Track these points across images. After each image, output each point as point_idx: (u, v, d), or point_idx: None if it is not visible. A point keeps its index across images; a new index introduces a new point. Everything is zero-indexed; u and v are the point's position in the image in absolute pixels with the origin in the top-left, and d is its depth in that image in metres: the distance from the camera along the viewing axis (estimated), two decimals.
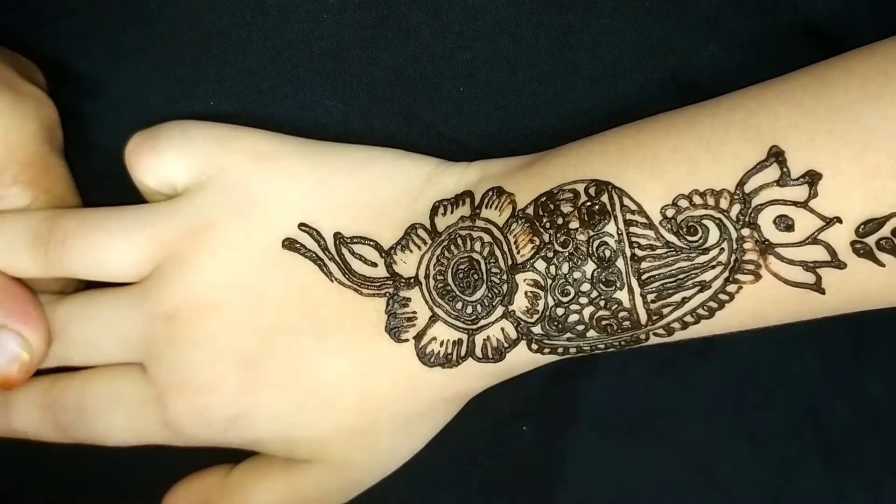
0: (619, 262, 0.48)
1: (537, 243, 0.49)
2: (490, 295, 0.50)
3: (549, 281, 0.49)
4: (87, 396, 0.55)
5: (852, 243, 0.45)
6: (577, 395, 0.56)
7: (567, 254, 0.49)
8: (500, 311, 0.50)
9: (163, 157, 0.53)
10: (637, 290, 0.48)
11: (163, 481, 0.56)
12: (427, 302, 0.51)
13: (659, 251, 0.48)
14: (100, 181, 0.58)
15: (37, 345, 0.53)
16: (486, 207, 0.51)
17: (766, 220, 0.46)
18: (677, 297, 0.48)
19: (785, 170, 0.46)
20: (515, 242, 0.50)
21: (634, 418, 0.56)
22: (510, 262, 0.50)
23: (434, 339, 0.51)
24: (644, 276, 0.48)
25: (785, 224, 0.46)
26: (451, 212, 0.52)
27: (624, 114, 0.52)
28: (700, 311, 0.48)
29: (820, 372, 0.56)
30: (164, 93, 0.55)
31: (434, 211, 0.52)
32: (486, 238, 0.50)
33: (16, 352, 0.53)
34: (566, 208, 0.49)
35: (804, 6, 0.52)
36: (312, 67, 0.54)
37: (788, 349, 0.56)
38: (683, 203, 0.47)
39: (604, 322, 0.49)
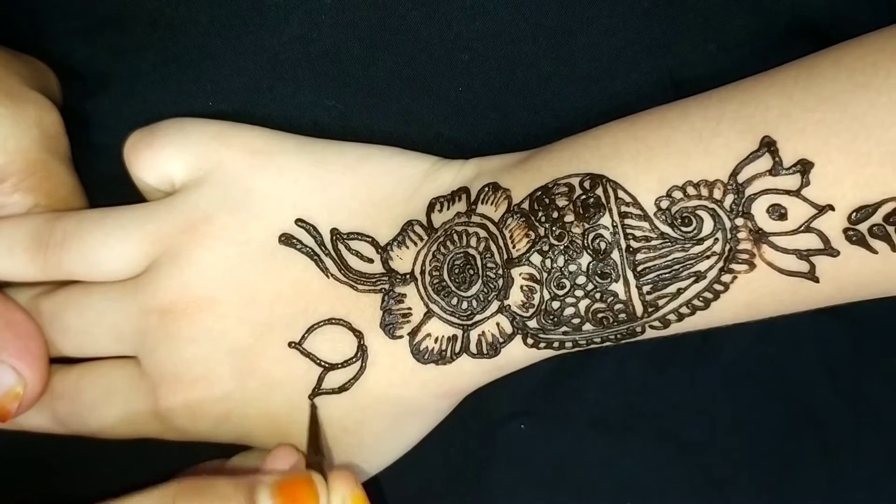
0: (615, 254, 0.48)
1: (532, 237, 0.49)
2: (485, 290, 0.50)
3: (545, 274, 0.49)
4: (83, 387, 0.55)
5: (845, 231, 0.45)
6: (576, 393, 0.56)
7: (562, 247, 0.49)
8: (495, 305, 0.50)
9: (160, 154, 0.53)
10: (632, 281, 0.48)
11: (157, 477, 0.55)
12: (422, 298, 0.51)
13: (654, 242, 0.48)
14: (100, 180, 0.58)
15: (32, 380, 0.53)
16: (482, 203, 0.51)
17: (759, 209, 0.47)
18: (672, 289, 0.48)
19: (777, 159, 0.46)
20: (511, 237, 0.50)
21: (633, 417, 0.56)
22: (506, 257, 0.50)
23: (428, 335, 0.51)
24: (639, 268, 0.48)
25: (778, 213, 0.46)
26: (448, 208, 0.52)
27: (622, 113, 0.52)
28: (695, 301, 0.48)
29: (819, 371, 0.56)
30: (164, 92, 0.56)
31: (430, 207, 0.52)
32: (482, 233, 0.50)
33: (10, 385, 0.53)
34: (561, 202, 0.49)
35: (802, 6, 0.53)
36: (311, 68, 0.54)
37: (787, 348, 0.56)
38: (677, 194, 0.47)
39: (600, 315, 0.49)
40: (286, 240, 0.52)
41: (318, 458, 0.50)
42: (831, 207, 0.45)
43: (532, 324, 0.50)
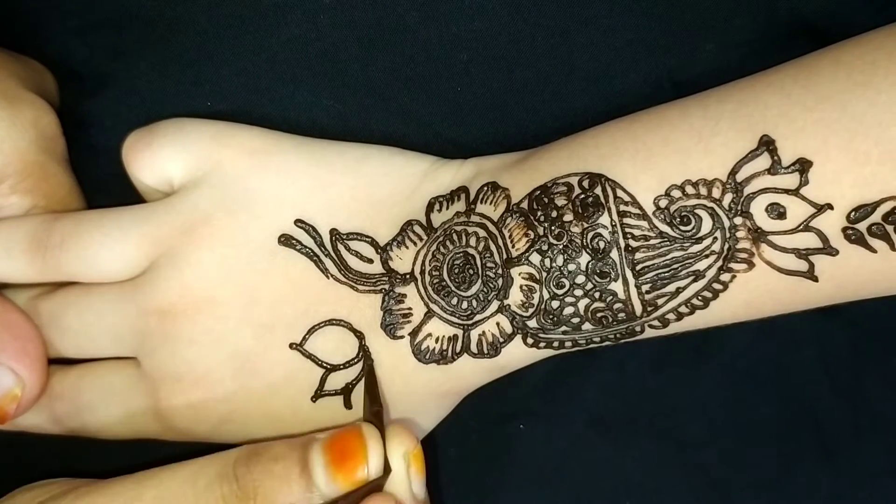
0: (614, 254, 0.48)
1: (532, 237, 0.49)
2: (485, 290, 0.50)
3: (544, 274, 0.49)
4: (83, 388, 0.55)
5: (844, 230, 0.45)
6: (575, 393, 0.56)
7: (561, 246, 0.49)
8: (495, 305, 0.50)
9: (159, 154, 0.53)
10: (631, 280, 0.48)
11: None
12: (423, 298, 0.51)
13: (653, 241, 0.48)
14: (99, 181, 0.58)
15: (30, 382, 0.53)
16: (481, 203, 0.51)
17: (758, 208, 0.47)
18: (671, 288, 0.48)
19: (776, 158, 0.46)
20: (510, 236, 0.50)
21: (632, 417, 0.56)
22: (505, 257, 0.50)
23: (429, 335, 0.51)
24: (638, 267, 0.48)
25: (777, 212, 0.46)
26: (447, 208, 0.52)
27: (621, 113, 0.52)
28: (694, 301, 0.48)
29: (819, 371, 0.56)
30: (162, 93, 0.56)
31: (430, 207, 0.52)
32: (482, 233, 0.50)
33: (9, 387, 0.53)
34: (560, 201, 0.49)
35: (801, 6, 0.53)
36: (310, 68, 0.54)
37: (787, 348, 0.56)
38: (676, 193, 0.47)
39: (599, 314, 0.49)
40: (286, 240, 0.52)
41: (375, 408, 0.49)
42: (830, 206, 0.45)
43: (532, 323, 0.50)
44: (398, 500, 0.47)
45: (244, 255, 0.52)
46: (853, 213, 0.45)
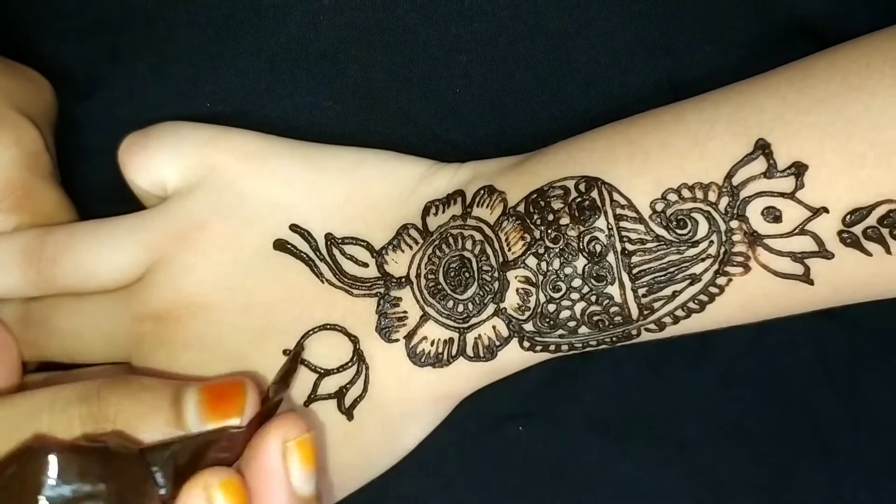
0: (610, 257, 0.48)
1: (528, 240, 0.49)
2: (481, 293, 0.50)
3: (541, 277, 0.49)
4: None
5: (839, 233, 0.45)
6: (574, 395, 0.56)
7: (558, 250, 0.49)
8: (491, 308, 0.50)
9: (154, 158, 0.53)
10: (628, 284, 0.48)
11: None
12: (418, 301, 0.51)
13: (649, 245, 0.48)
14: (95, 183, 0.58)
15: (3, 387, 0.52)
16: (478, 206, 0.51)
17: (754, 211, 0.46)
18: (668, 291, 0.48)
19: (771, 162, 0.46)
20: (506, 240, 0.50)
21: (631, 419, 0.56)
22: (501, 260, 0.50)
23: (425, 338, 0.51)
24: (635, 271, 0.48)
25: (773, 215, 0.46)
26: (443, 211, 0.52)
27: (620, 115, 0.52)
28: (691, 304, 0.48)
29: (817, 372, 0.56)
30: (161, 94, 0.56)
31: (426, 211, 0.52)
32: (478, 236, 0.50)
33: None
34: (557, 205, 0.49)
35: (800, 7, 0.53)
36: (308, 69, 0.54)
37: (786, 349, 0.56)
38: (672, 197, 0.47)
39: (595, 317, 0.49)
40: (280, 245, 0.52)
41: (279, 386, 0.48)
42: (825, 209, 0.45)
43: (528, 327, 0.49)
44: (266, 492, 0.45)
45: (239, 260, 0.52)
46: (848, 217, 0.45)
